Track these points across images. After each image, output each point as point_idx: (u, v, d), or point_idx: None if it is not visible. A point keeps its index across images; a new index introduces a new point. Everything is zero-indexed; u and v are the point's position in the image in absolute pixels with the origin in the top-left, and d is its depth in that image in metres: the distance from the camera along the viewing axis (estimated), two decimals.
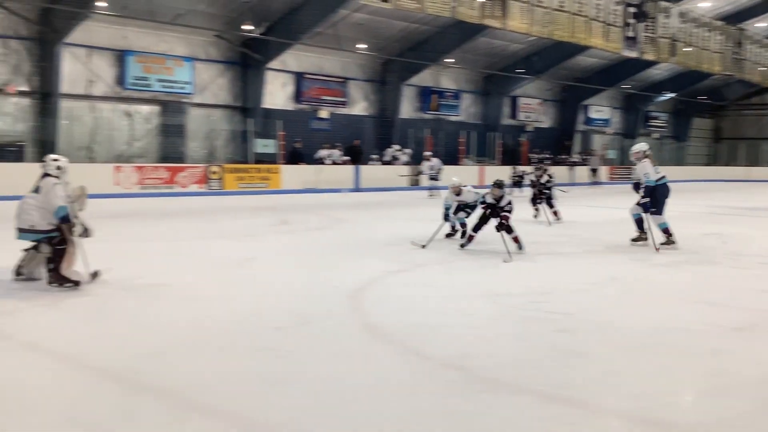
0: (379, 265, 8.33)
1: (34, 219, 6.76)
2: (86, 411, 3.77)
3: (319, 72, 26.94)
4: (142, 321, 5.70)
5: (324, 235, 11.76)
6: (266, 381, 4.25)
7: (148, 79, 22.28)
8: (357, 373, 4.43)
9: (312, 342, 5.13)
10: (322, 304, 6.31)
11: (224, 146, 24.84)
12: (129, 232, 11.72)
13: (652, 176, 10.34)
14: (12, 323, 5.55)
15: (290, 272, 8.00)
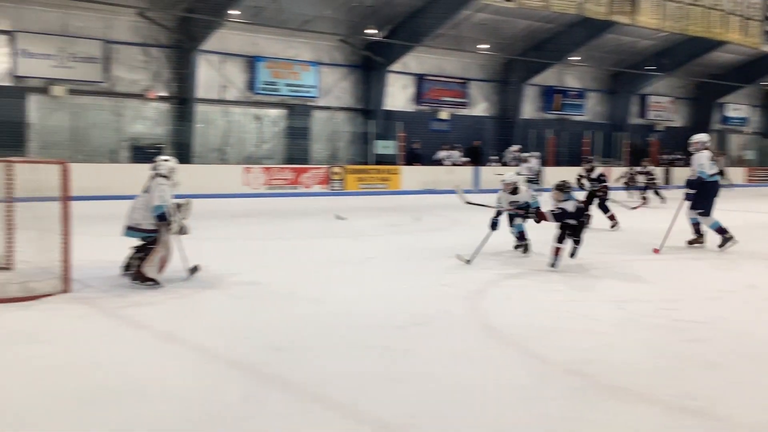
0: (498, 268, 8.26)
1: (140, 218, 7.06)
2: (220, 399, 3.98)
3: (439, 73, 26.99)
4: (266, 316, 5.93)
5: (442, 236, 11.77)
6: (385, 378, 4.32)
7: (276, 84, 23.14)
8: (476, 374, 4.43)
9: (430, 342, 5.17)
10: (439, 305, 6.33)
11: (346, 148, 25.37)
12: (256, 231, 12.20)
13: (707, 169, 9.59)
14: (150, 314, 5.92)
15: (408, 272, 8.06)
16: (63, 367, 4.50)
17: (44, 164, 7.08)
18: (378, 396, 4.03)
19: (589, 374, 4.47)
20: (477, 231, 9.38)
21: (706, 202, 9.62)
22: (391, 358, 4.73)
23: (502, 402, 3.98)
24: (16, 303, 6.01)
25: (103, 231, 10.46)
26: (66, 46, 19.33)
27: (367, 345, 5.06)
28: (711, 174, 9.59)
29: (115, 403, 3.85)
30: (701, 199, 9.59)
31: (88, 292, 6.63)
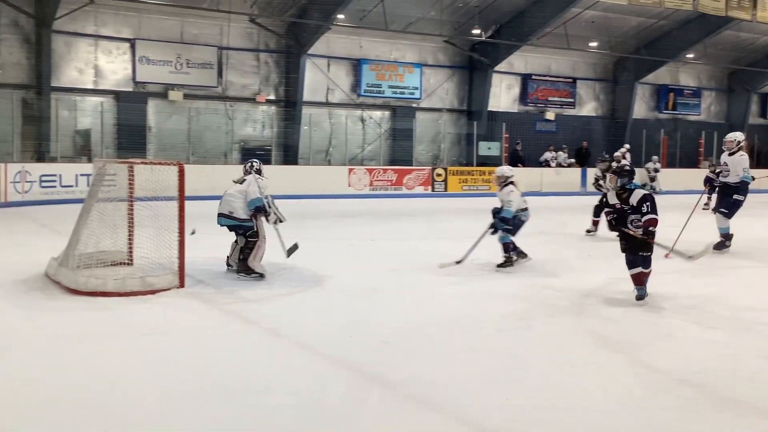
0: (607, 271, 8.02)
1: (234, 206, 7.46)
2: (323, 396, 4.06)
3: (546, 73, 26.50)
4: (369, 315, 6.00)
5: (548, 238, 11.55)
6: (486, 381, 4.29)
7: (380, 86, 23.39)
8: (581, 381, 4.33)
9: (534, 345, 5.09)
10: (545, 308, 6.22)
11: (449, 149, 25.32)
12: (360, 231, 12.36)
13: (749, 171, 9.16)
14: (257, 311, 6.11)
15: (512, 274, 7.96)
16: (175, 359, 4.71)
17: (162, 165, 7.45)
18: (479, 399, 4.00)
19: (703, 385, 4.28)
20: (581, 233, 9.19)
21: (735, 206, 9.33)
22: (493, 361, 4.68)
23: (608, 410, 3.86)
24: (135, 297, 6.34)
25: (215, 229, 10.89)
26: (183, 53, 20.24)
27: (470, 347, 5.03)
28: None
29: (222, 396, 4.00)
30: (730, 200, 9.31)
31: (201, 287, 6.91)
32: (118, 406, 3.84)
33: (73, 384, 4.16)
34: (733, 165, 9.39)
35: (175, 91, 20.30)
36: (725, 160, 9.52)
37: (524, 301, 6.55)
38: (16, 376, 4.30)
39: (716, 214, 9.49)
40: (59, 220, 12.17)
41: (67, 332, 5.33)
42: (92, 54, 19.44)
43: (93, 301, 6.21)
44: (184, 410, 3.81)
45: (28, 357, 4.69)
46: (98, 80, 19.56)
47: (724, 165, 9.52)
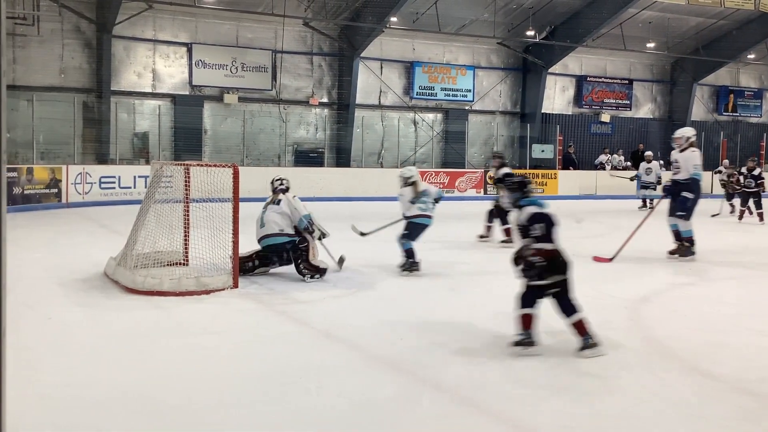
0: (664, 277, 7.86)
1: (282, 224, 7.54)
2: (374, 397, 4.07)
3: (601, 74, 26.11)
4: (421, 318, 5.99)
5: (602, 242, 11.35)
6: (539, 387, 4.24)
7: (433, 89, 23.37)
8: (637, 388, 4.24)
9: None
10: (599, 314, 6.10)
11: (502, 151, 25.12)
12: None
13: (701, 169, 8.70)
14: (309, 312, 6.16)
15: None
16: (228, 358, 4.79)
17: (217, 167, 7.58)
18: (532, 404, 3.95)
19: (763, 394, 4.15)
20: (640, 237, 8.98)
21: (691, 207, 8.89)
22: (545, 367, 4.62)
23: (664, 418, 3.78)
24: (190, 296, 6.46)
25: None
26: (238, 57, 20.58)
27: (522, 352, 4.97)
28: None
29: (274, 396, 4.04)
30: (691, 201, 8.86)
31: (254, 288, 7.00)
32: (171, 404, 3.92)
33: (128, 381, 4.26)
34: (683, 162, 8.95)
35: (230, 94, 20.65)
36: (675, 157, 9.12)
37: None
38: (75, 372, 4.42)
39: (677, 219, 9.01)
40: (118, 220, 12.50)
41: (124, 330, 5.46)
42: (150, 58, 19.91)
43: (149, 300, 6.36)
44: (236, 409, 3.87)
45: (87, 354, 4.82)
46: (156, 84, 20.03)
47: (675, 162, 9.12)
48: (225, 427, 3.67)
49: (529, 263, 4.86)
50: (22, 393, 3.82)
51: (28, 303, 6.05)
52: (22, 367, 4.24)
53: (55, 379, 4.24)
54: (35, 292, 6.51)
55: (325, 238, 7.84)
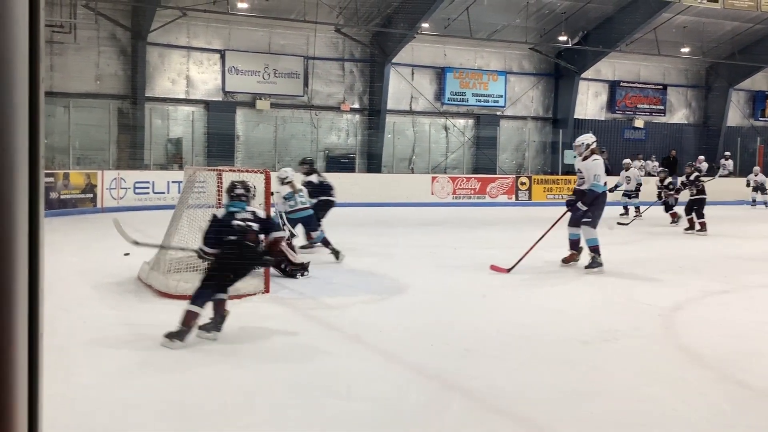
0: (697, 284, 7.75)
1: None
2: (402, 402, 4.08)
3: (635, 79, 25.85)
4: (451, 324, 5.98)
5: (636, 248, 11.23)
6: (568, 394, 4.21)
7: (464, 94, 23.33)
8: (668, 397, 4.19)
9: (618, 359, 4.96)
10: (631, 321, 6.05)
11: (534, 157, 25.00)
12: (443, 239, 12.33)
13: (603, 179, 8.34)
14: (340, 316, 6.19)
15: (599, 285, 7.78)
16: (259, 361, 4.82)
17: (249, 173, 7.66)
18: (560, 412, 3.93)
19: None
20: (672, 243, 8.91)
21: (595, 216, 8.52)
22: (576, 374, 4.59)
23: (696, 427, 3.72)
24: None
25: None
26: (270, 63, 20.76)
27: (553, 358, 4.95)
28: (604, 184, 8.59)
29: (304, 400, 4.07)
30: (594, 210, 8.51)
31: (285, 293, 7.05)
32: (203, 408, 3.96)
33: (159, 384, 4.32)
34: (585, 171, 8.59)
35: (263, 100, 20.83)
36: (578, 166, 8.77)
37: (610, 313, 6.40)
38: (107, 374, 4.49)
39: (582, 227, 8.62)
40: (152, 225, 12.65)
41: (156, 333, 5.53)
42: (184, 65, 20.17)
43: (182, 304, 6.40)
44: (266, 413, 3.90)
45: (119, 356, 4.90)
46: (190, 90, 20.29)
47: (579, 172, 8.77)
48: (255, 430, 3.70)
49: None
50: (57, 394, 3.89)
51: (64, 306, 6.16)
52: (57, 369, 4.32)
53: (89, 381, 4.31)
54: (70, 295, 6.63)
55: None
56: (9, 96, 0.74)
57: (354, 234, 12.56)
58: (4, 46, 0.74)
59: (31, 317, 0.78)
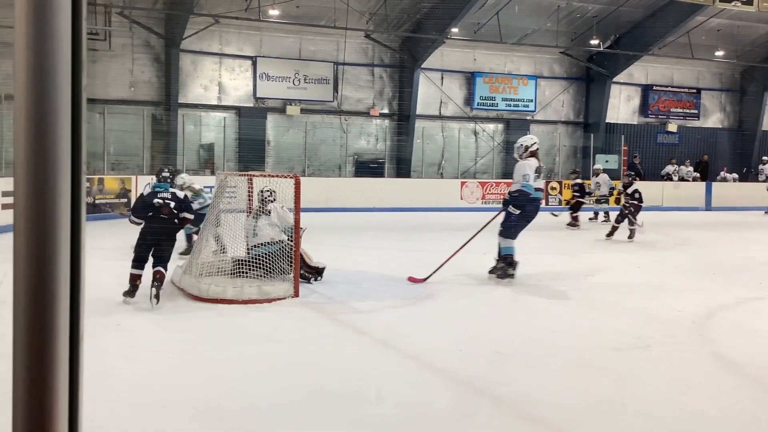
0: (731, 291, 7.62)
1: (272, 234, 7.66)
2: (431, 407, 4.07)
3: (668, 83, 25.53)
4: (481, 329, 5.96)
5: (669, 255, 11.09)
6: (600, 401, 4.17)
7: (494, 99, 23.24)
8: (703, 405, 4.13)
9: (652, 366, 4.90)
10: (664, 328, 5.98)
11: (564, 162, 24.80)
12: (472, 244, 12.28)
13: (532, 181, 7.59)
14: (369, 321, 6.20)
15: (631, 292, 7.69)
16: (288, 366, 4.85)
17: (279, 178, 7.72)
18: (592, 419, 3.89)
19: None
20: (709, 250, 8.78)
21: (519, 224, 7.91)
22: (608, 382, 4.55)
23: None
24: (252, 304, 6.58)
25: (326, 240, 11.15)
26: (300, 69, 20.90)
27: (584, 364, 4.91)
28: (537, 188, 7.82)
29: (333, 404, 4.08)
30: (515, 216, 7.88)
31: (315, 297, 7.09)
32: (233, 409, 4.00)
33: (191, 386, 4.36)
34: (515, 172, 8.04)
35: (293, 105, 20.97)
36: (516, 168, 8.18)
37: (642, 320, 6.32)
38: (142, 377, 4.55)
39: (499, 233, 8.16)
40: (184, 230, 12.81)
41: (188, 336, 5.60)
42: (216, 71, 20.39)
43: (213, 307, 6.50)
44: (296, 416, 3.92)
45: (153, 359, 4.96)
46: (222, 96, 20.49)
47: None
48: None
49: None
50: (94, 397, 3.95)
51: (100, 310, 6.26)
52: (93, 373, 4.39)
53: (124, 383, 4.37)
54: (106, 299, 6.73)
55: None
56: (53, 104, 0.77)
57: (383, 239, 12.58)
58: (48, 56, 0.76)
59: (72, 320, 0.80)
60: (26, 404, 0.78)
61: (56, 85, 0.77)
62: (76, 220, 0.78)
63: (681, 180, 23.44)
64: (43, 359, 0.78)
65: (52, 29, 0.76)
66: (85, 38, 0.81)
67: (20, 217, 0.76)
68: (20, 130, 0.76)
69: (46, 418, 0.79)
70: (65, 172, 0.77)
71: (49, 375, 0.78)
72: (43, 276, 0.77)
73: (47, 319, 0.77)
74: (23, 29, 0.76)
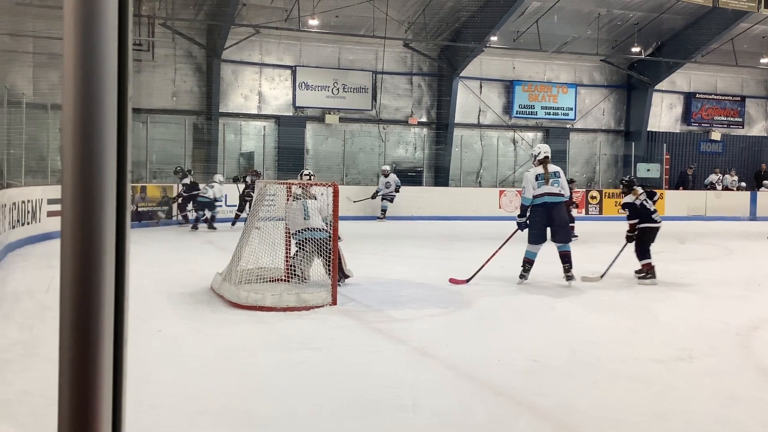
0: None
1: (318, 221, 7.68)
2: (468, 417, 4.05)
3: (711, 91, 25.09)
4: (518, 339, 5.91)
5: (714, 265, 10.87)
6: (641, 414, 4.10)
7: (533, 107, 23.10)
8: (748, 420, 4.03)
9: (694, 379, 4.80)
10: (706, 340, 5.85)
11: (605, 171, 24.51)
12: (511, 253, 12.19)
13: (527, 193, 8.08)
14: (406, 329, 6.19)
15: (672, 302, 7.56)
16: (326, 373, 4.87)
17: (318, 186, 7.76)
18: (633, 431, 3.83)
19: None
20: (754, 261, 8.59)
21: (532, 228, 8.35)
22: (650, 394, 4.46)
23: None
24: (291, 312, 6.62)
25: (364, 248, 11.18)
26: (339, 78, 21.04)
27: (624, 375, 4.83)
28: (541, 194, 8.18)
29: (370, 412, 4.08)
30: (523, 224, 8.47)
31: (352, 305, 7.10)
32: (270, 417, 4.02)
33: (229, 393, 4.40)
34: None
35: (332, 114, 21.10)
36: None
37: (684, 331, 6.20)
38: (181, 383, 4.61)
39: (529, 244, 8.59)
40: (224, 237, 12.98)
41: (227, 343, 5.65)
42: (257, 81, 20.63)
43: (252, 314, 6.55)
44: (333, 423, 3.93)
45: (192, 365, 5.02)
46: (262, 105, 20.72)
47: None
48: None
49: None
50: (136, 401, 4.01)
51: (141, 316, 6.35)
52: (135, 378, 4.45)
53: (163, 389, 4.43)
54: (147, 306, 6.83)
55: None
56: (100, 113, 0.79)
57: (421, 247, 12.56)
58: (95, 67, 0.78)
59: (116, 326, 0.82)
60: (72, 406, 0.80)
61: (103, 95, 0.79)
62: (120, 227, 0.80)
63: (725, 189, 22.98)
64: (88, 363, 0.80)
65: (99, 41, 0.78)
66: (131, 49, 0.83)
67: (67, 224, 0.78)
68: (68, 139, 0.78)
69: (91, 421, 0.80)
70: (111, 180, 0.79)
71: (93, 378, 0.80)
72: (88, 282, 0.79)
73: (92, 323, 0.79)
74: (71, 41, 0.78)
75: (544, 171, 8.29)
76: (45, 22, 16.40)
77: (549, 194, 8.26)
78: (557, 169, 8.42)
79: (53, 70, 16.79)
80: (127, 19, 0.80)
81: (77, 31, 0.78)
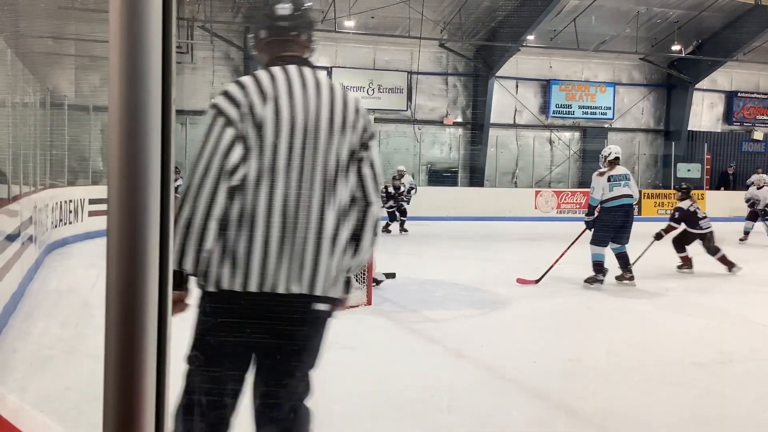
0: None
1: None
2: (504, 419, 4.03)
3: (754, 89, 24.58)
4: (552, 340, 5.86)
5: (754, 267, 10.64)
6: (682, 419, 4.04)
7: (570, 107, 22.88)
8: None
9: (735, 383, 4.71)
10: (748, 343, 5.75)
11: (644, 171, 24.17)
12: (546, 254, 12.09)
13: (596, 194, 8.06)
14: (442, 330, 6.18)
15: (712, 305, 7.44)
16: (361, 373, 4.88)
17: None
18: None
19: None
20: None
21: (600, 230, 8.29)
22: (691, 398, 4.40)
23: None
24: None
25: (400, 248, 11.19)
26: (375, 78, 21.09)
27: (664, 380, 4.76)
28: (613, 197, 8.18)
29: (405, 412, 4.08)
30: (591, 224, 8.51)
31: (387, 305, 7.11)
32: None
33: None
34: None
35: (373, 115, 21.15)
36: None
37: (724, 334, 6.09)
38: None
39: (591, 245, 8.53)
40: None
41: None
42: None
43: None
44: (367, 423, 3.94)
45: None
46: None
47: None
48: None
49: None
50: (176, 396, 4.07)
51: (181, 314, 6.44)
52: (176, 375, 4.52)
53: None
54: None
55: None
56: (145, 115, 0.80)
57: (456, 247, 12.53)
58: (140, 69, 0.80)
59: (160, 323, 0.83)
60: (116, 403, 0.82)
61: (148, 97, 0.80)
62: (164, 226, 0.81)
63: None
64: (132, 360, 0.82)
65: (144, 44, 0.80)
66: (174, 52, 0.84)
67: (113, 223, 0.80)
68: (114, 141, 0.80)
69: (135, 418, 0.82)
70: (155, 180, 0.80)
71: (137, 374, 0.82)
72: (133, 279, 0.81)
73: (137, 320, 0.80)
74: (117, 44, 0.80)
75: (616, 172, 8.33)
76: (87, 25, 16.72)
77: (625, 196, 8.28)
78: (627, 172, 8.50)
79: (95, 73, 17.11)
80: (170, 22, 0.82)
81: (122, 35, 0.79)
